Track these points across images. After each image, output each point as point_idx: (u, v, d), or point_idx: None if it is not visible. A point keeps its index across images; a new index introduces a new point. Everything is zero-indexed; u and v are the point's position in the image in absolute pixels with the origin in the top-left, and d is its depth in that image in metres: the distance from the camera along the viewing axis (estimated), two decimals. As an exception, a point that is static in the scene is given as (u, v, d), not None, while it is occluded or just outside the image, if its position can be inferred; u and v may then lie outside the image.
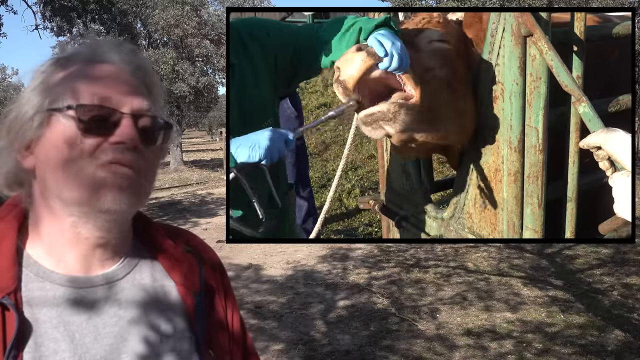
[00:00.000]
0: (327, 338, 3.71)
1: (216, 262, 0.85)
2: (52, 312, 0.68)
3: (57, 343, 0.67)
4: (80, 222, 0.70)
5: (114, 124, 0.69)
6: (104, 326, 0.70)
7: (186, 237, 0.83)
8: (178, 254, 0.78)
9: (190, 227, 7.95)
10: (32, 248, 0.72)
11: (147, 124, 0.71)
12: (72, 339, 0.68)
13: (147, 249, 0.78)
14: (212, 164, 18.59)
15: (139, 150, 0.69)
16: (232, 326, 0.82)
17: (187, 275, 0.77)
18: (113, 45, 0.75)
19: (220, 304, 0.80)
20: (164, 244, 0.78)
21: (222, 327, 0.80)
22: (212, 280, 0.81)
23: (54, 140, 0.69)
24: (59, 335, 0.67)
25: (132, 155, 0.69)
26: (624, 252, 5.57)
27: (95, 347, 0.68)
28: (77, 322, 0.69)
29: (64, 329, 0.68)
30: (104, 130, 0.68)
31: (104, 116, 0.68)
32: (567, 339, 3.60)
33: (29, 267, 0.70)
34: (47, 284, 0.70)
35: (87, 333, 0.69)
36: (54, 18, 14.31)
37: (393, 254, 5.93)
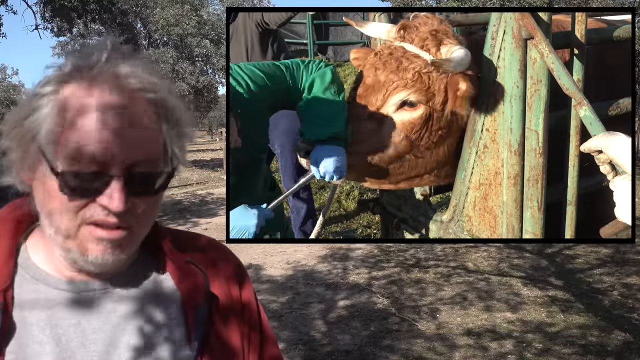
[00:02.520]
0: (327, 338, 3.72)
1: (231, 272, 0.82)
2: (42, 314, 0.68)
3: (42, 345, 0.66)
4: (69, 260, 0.69)
5: (104, 183, 0.64)
6: (93, 332, 0.69)
7: (202, 248, 0.81)
8: (182, 263, 0.77)
9: (190, 227, 7.95)
10: (33, 251, 0.72)
11: (143, 176, 0.66)
12: (57, 342, 0.67)
13: (150, 256, 0.76)
14: (212, 164, 18.55)
15: (130, 208, 0.65)
16: (248, 338, 0.80)
17: (189, 285, 0.75)
18: (136, 64, 0.68)
19: (231, 315, 0.78)
20: (168, 253, 0.77)
21: (231, 338, 0.77)
22: (220, 290, 0.78)
23: (42, 187, 0.66)
24: (45, 338, 0.67)
25: (121, 215, 0.65)
26: (624, 252, 5.57)
27: (81, 352, 0.68)
28: (65, 326, 0.68)
29: (51, 331, 0.67)
30: (91, 192, 0.64)
31: (91, 180, 0.64)
32: (567, 339, 3.60)
33: (27, 268, 0.70)
34: (41, 286, 0.70)
35: (74, 337, 0.68)
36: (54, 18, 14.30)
37: (393, 254, 5.93)
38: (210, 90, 17.05)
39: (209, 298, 0.76)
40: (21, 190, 0.69)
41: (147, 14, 16.39)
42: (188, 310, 0.74)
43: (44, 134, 0.64)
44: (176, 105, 0.69)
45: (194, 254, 0.79)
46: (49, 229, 0.67)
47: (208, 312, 0.75)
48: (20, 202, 0.73)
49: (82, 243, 0.66)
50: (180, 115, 0.69)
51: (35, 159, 0.66)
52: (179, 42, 16.32)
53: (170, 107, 0.68)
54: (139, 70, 0.67)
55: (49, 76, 0.67)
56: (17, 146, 0.66)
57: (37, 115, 0.65)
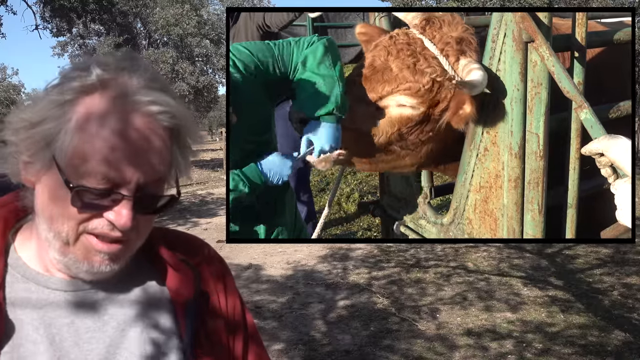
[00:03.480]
0: (327, 338, 3.72)
1: (219, 273, 0.83)
2: (34, 314, 0.68)
3: (36, 345, 0.67)
4: (64, 264, 0.69)
5: (114, 200, 0.65)
6: (86, 331, 0.69)
7: (188, 245, 0.82)
8: (173, 261, 0.77)
9: (190, 227, 7.95)
10: (22, 249, 0.72)
11: (150, 197, 0.68)
12: (51, 342, 0.67)
13: (142, 255, 0.76)
14: (212, 164, 18.55)
15: (133, 224, 0.66)
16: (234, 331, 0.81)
17: (180, 282, 0.76)
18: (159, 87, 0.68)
19: (220, 312, 0.79)
20: (159, 251, 0.77)
21: (220, 334, 0.79)
22: (209, 287, 0.79)
23: (47, 193, 0.66)
24: (39, 337, 0.67)
25: (124, 230, 0.66)
26: (624, 252, 5.57)
27: (75, 351, 0.68)
28: (59, 325, 0.68)
29: (45, 331, 0.67)
30: (100, 208, 0.65)
31: (102, 197, 0.65)
32: (567, 339, 3.60)
33: (17, 268, 0.70)
34: (32, 285, 0.70)
35: (68, 337, 0.68)
36: (53, 18, 14.29)
37: (393, 254, 5.93)
38: (210, 90, 17.06)
39: (199, 295, 0.77)
40: (15, 183, 0.69)
41: (147, 14, 16.39)
42: (180, 306, 0.75)
43: (59, 143, 0.64)
44: (190, 128, 0.70)
45: (183, 251, 0.80)
46: (47, 233, 0.67)
47: (199, 309, 0.76)
48: (6, 199, 0.73)
49: (80, 251, 0.67)
50: (192, 137, 0.71)
51: (45, 165, 0.65)
52: (179, 42, 16.31)
53: (184, 132, 0.69)
54: (160, 95, 0.67)
55: (69, 84, 0.65)
56: (26, 149, 0.66)
57: (55, 124, 0.64)
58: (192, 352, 0.73)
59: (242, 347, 0.82)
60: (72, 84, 0.65)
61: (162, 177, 0.68)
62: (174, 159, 0.69)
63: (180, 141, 0.70)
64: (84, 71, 0.66)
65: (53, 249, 0.68)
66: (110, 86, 0.65)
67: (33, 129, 0.65)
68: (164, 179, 0.69)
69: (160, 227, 0.83)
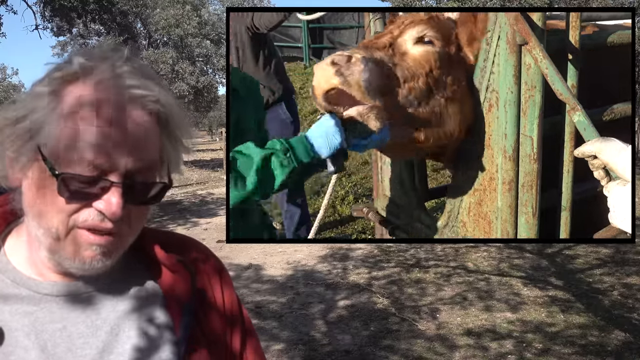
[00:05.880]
0: (327, 338, 3.73)
1: (214, 270, 0.82)
2: (25, 320, 0.67)
3: (27, 352, 0.65)
4: (55, 262, 0.68)
5: (103, 188, 0.64)
6: (79, 336, 0.68)
7: (181, 245, 0.81)
8: (169, 263, 0.76)
9: (190, 227, 7.96)
10: (12, 253, 0.70)
11: (140, 184, 0.66)
12: (42, 349, 0.66)
13: (136, 257, 0.75)
14: (212, 164, 18.56)
15: (124, 215, 0.65)
16: (231, 329, 0.80)
17: (176, 285, 0.75)
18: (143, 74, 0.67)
19: (217, 307, 0.79)
20: (155, 253, 0.76)
21: (217, 329, 0.78)
22: (205, 286, 0.79)
23: (34, 186, 0.65)
24: (30, 344, 0.65)
25: (116, 221, 0.65)
26: (624, 252, 5.57)
27: (68, 357, 0.67)
28: (51, 331, 0.67)
29: (36, 337, 0.66)
30: (89, 197, 0.64)
31: (90, 184, 0.63)
32: (567, 339, 3.61)
33: (7, 273, 0.69)
34: (23, 290, 0.68)
35: (60, 342, 0.67)
36: (53, 18, 14.31)
37: (393, 254, 5.94)
38: (210, 90, 17.07)
39: (195, 294, 0.76)
40: (4, 187, 0.68)
41: (147, 14, 16.40)
42: (175, 308, 0.74)
43: (44, 133, 0.63)
44: (178, 118, 0.69)
45: (176, 251, 0.79)
46: (37, 230, 0.65)
47: (194, 308, 0.75)
48: (2, 200, 0.71)
49: (71, 246, 0.65)
50: (180, 129, 0.70)
51: (30, 158, 0.64)
52: (179, 42, 16.32)
53: (172, 120, 0.68)
54: (144, 81, 0.66)
55: (52, 74, 0.65)
56: (10, 145, 0.65)
57: (38, 114, 0.63)
58: (187, 348, 0.72)
59: (240, 341, 0.81)
60: (54, 74, 0.65)
61: (152, 165, 0.67)
62: (163, 147, 0.68)
63: (169, 130, 0.68)
64: (66, 62, 0.66)
65: (44, 248, 0.66)
66: (92, 73, 0.64)
67: (18, 124, 0.64)
68: (154, 167, 0.67)
69: (151, 228, 0.81)
